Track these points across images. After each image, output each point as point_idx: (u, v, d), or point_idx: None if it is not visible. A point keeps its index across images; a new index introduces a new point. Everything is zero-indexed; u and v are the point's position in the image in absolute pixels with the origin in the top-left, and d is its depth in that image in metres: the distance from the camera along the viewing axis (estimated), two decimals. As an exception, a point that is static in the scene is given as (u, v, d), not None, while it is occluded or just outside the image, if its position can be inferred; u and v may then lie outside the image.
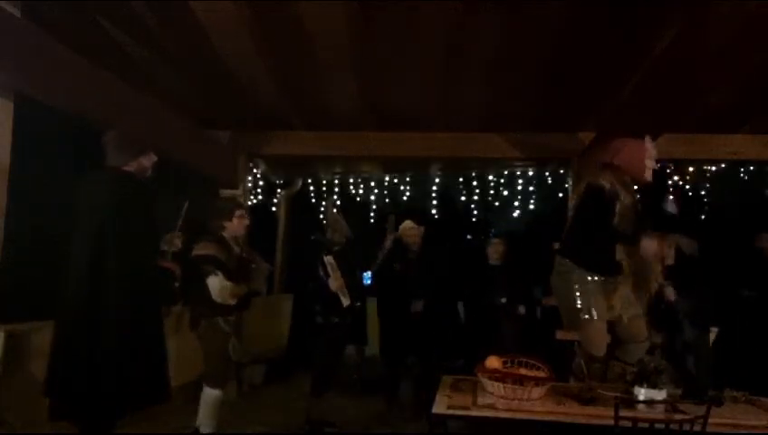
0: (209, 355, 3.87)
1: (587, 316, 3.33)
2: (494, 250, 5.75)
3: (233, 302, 3.79)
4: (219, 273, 3.72)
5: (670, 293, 4.13)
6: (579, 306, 3.35)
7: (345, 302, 4.45)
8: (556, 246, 3.65)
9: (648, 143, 3.48)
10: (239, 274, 3.88)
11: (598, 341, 3.34)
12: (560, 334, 3.64)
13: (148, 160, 3.26)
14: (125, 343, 2.90)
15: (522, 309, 5.58)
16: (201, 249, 3.80)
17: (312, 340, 4.63)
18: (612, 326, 3.45)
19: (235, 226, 4.00)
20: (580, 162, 5.85)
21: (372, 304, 5.88)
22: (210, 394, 3.82)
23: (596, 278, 3.38)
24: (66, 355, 2.91)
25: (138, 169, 3.21)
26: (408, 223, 5.59)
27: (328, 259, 4.44)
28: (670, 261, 4.36)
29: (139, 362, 2.94)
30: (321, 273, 4.50)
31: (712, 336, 4.58)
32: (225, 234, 3.96)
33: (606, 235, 3.35)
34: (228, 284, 3.74)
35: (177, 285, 3.39)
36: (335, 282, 4.46)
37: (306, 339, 4.73)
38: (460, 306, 6.03)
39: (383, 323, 5.55)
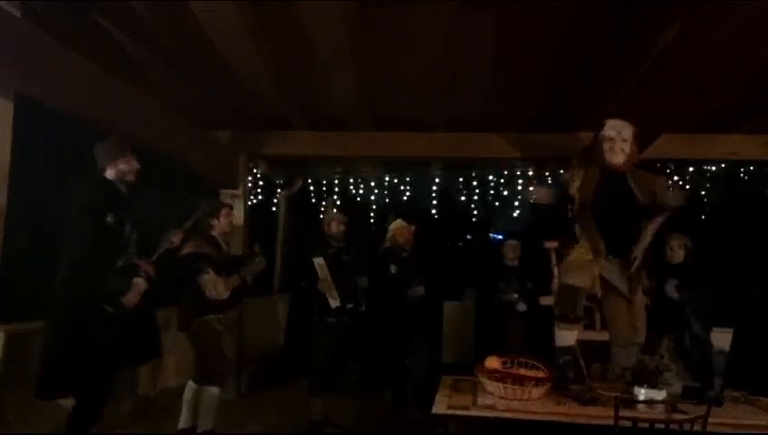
0: (202, 355, 3.89)
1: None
2: (510, 250, 5.95)
3: (227, 295, 3.81)
4: (211, 270, 3.79)
5: (671, 289, 4.14)
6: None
7: (333, 303, 4.42)
8: (546, 245, 3.69)
9: (608, 124, 3.49)
10: (229, 269, 3.95)
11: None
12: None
13: (126, 165, 3.25)
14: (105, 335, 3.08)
15: (522, 306, 5.62)
16: (192, 247, 3.86)
17: (308, 340, 4.59)
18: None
19: (223, 224, 4.12)
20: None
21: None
22: (208, 391, 3.85)
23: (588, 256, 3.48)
24: (58, 345, 3.08)
25: (116, 174, 3.22)
26: (399, 221, 5.51)
27: (317, 261, 4.41)
28: (678, 259, 4.37)
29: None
30: (312, 274, 4.48)
31: (729, 336, 4.57)
32: (215, 232, 4.05)
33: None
34: (220, 278, 3.79)
35: (144, 285, 3.31)
36: (323, 283, 4.44)
37: (302, 339, 4.67)
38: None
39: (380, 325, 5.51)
